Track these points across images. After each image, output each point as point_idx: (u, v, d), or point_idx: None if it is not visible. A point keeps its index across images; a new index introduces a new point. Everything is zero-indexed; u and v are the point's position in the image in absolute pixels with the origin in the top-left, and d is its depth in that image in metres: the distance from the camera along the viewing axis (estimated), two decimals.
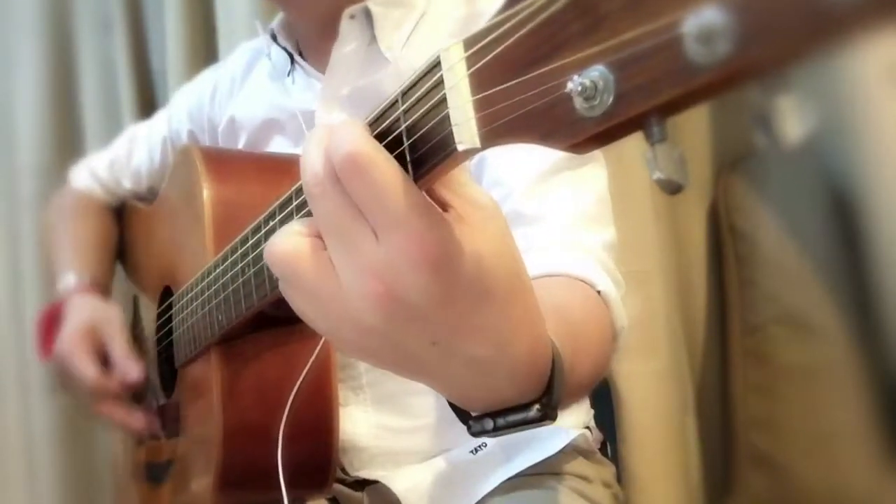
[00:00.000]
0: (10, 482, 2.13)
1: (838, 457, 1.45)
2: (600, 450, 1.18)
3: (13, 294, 2.12)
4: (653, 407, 1.49)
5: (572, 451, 1.09)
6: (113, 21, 2.06)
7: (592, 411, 1.21)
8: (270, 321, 0.98)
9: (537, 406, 0.57)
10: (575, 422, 1.13)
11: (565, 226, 0.94)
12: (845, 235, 1.44)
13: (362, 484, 1.09)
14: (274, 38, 1.22)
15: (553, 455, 1.05)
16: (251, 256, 0.83)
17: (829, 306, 1.46)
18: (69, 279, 1.31)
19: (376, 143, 0.49)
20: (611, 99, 0.37)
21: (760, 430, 1.55)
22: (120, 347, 1.22)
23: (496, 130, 0.45)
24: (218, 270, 0.94)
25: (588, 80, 0.37)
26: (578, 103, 0.38)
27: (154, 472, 1.25)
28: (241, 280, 0.88)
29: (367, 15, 1.10)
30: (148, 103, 2.02)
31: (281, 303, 0.87)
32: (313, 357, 1.00)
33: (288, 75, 1.20)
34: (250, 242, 0.83)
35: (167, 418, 1.21)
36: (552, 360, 0.59)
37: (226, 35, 1.82)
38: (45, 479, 2.09)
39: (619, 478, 1.25)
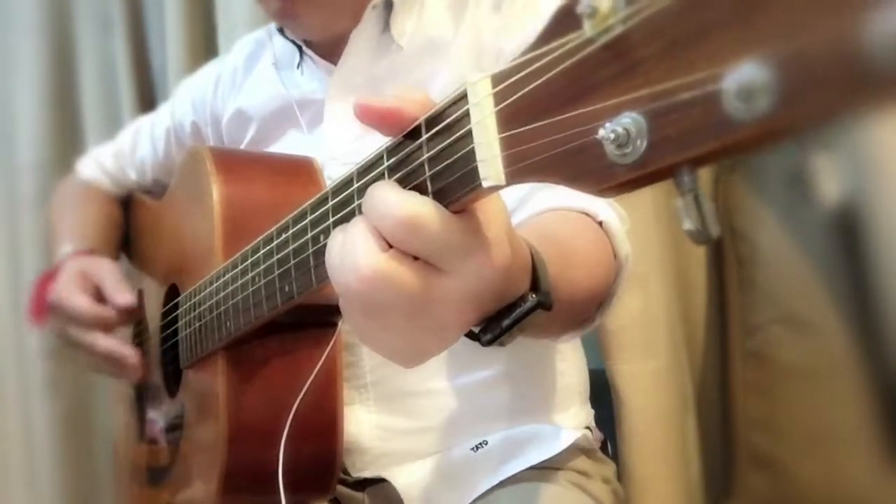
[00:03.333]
0: (10, 482, 2.13)
1: (838, 457, 1.45)
2: (601, 449, 1.19)
3: (13, 294, 2.12)
4: (653, 407, 1.49)
5: (574, 449, 1.10)
6: (113, 21, 2.05)
7: (592, 412, 1.21)
8: (278, 326, 0.98)
9: (532, 294, 0.61)
10: (577, 422, 1.14)
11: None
12: (845, 236, 1.44)
13: (363, 484, 1.10)
14: (280, 30, 1.22)
15: (555, 455, 1.07)
16: (262, 267, 0.83)
17: (829, 306, 1.46)
18: (66, 248, 1.31)
19: (416, 197, 0.51)
20: (643, 147, 0.37)
21: (760, 430, 1.55)
22: (111, 279, 1.22)
23: (523, 169, 0.45)
24: (228, 276, 0.94)
25: (621, 128, 0.37)
26: (610, 150, 0.38)
27: (155, 474, 1.25)
28: (251, 289, 0.88)
29: (386, 5, 1.12)
30: (148, 103, 2.02)
31: (291, 311, 0.87)
32: (319, 363, 1.00)
33: (297, 67, 1.20)
34: (262, 252, 0.84)
35: (170, 419, 1.21)
36: (530, 254, 0.63)
37: (226, 35, 1.82)
38: (45, 479, 2.09)
39: (620, 477, 1.26)
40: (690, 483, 1.56)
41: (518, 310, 0.60)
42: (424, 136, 0.52)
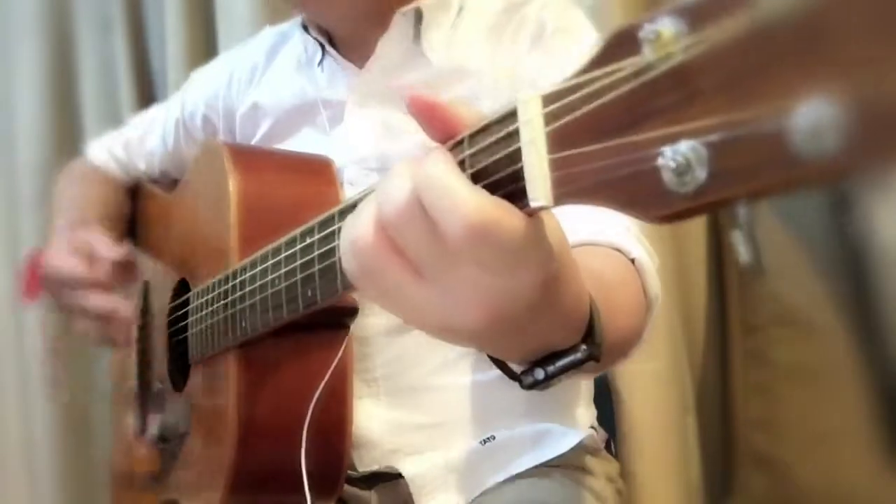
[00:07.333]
0: (10, 482, 2.12)
1: (838, 457, 1.45)
2: (605, 448, 1.20)
3: (13, 294, 2.11)
4: (653, 407, 1.50)
5: (580, 448, 1.10)
6: (113, 21, 2.05)
7: (595, 411, 1.22)
8: (291, 327, 0.98)
9: (583, 346, 0.59)
10: (583, 422, 1.15)
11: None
12: (845, 235, 1.44)
13: (371, 482, 1.10)
14: (305, 27, 1.21)
15: (563, 453, 1.07)
16: (284, 270, 0.82)
17: (829, 306, 1.47)
18: (57, 222, 1.32)
19: (487, 197, 0.49)
20: (704, 177, 0.36)
21: (760, 430, 1.55)
22: (99, 236, 1.21)
23: (572, 192, 0.44)
24: (246, 276, 0.93)
25: (681, 157, 0.37)
26: (668, 177, 0.38)
27: (157, 473, 1.25)
28: (270, 291, 0.87)
29: (416, 14, 1.11)
30: (148, 103, 1.97)
31: (309, 313, 0.87)
32: (331, 368, 1.00)
33: (318, 65, 1.19)
34: (283, 255, 0.82)
35: (175, 414, 1.21)
36: (589, 303, 0.62)
37: (226, 35, 1.82)
38: (45, 479, 2.08)
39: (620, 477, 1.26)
40: (690, 483, 1.57)
41: (567, 359, 0.59)
42: (468, 151, 0.51)
